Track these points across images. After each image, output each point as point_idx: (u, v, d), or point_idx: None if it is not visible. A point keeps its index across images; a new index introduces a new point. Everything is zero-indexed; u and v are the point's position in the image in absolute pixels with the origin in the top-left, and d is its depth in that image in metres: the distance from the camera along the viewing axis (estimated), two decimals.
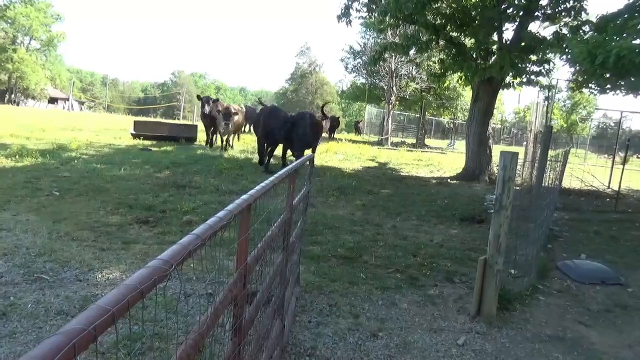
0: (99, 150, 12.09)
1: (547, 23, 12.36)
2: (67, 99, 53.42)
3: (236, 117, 13.59)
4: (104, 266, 4.48)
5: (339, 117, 16.54)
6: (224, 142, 14.02)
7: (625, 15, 9.17)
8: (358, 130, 33.84)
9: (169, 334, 3.23)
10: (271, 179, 2.31)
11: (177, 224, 6.07)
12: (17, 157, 9.69)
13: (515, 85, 13.18)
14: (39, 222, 5.68)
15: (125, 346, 3.02)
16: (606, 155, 27.35)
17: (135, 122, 17.01)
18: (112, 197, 7.22)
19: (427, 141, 29.95)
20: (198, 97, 15.15)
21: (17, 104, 45.06)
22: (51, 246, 4.88)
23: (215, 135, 14.95)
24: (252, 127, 17.71)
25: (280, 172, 2.59)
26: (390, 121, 27.08)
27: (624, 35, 8.02)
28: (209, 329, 1.43)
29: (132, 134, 15.55)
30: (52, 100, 53.86)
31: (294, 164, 3.18)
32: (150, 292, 0.97)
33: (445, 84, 24.84)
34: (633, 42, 7.59)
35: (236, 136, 15.39)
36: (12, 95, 47.47)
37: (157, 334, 3.23)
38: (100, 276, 4.25)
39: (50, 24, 49.79)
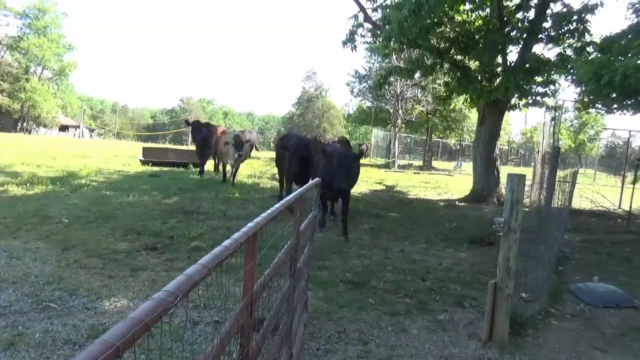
0: (108, 177, 12.20)
1: (551, 45, 12.43)
2: (78, 127, 54.11)
3: (247, 145, 11.82)
4: (112, 294, 4.48)
5: (346, 140, 16.36)
6: (231, 173, 12.04)
7: (630, 36, 9.20)
8: (362, 153, 33.95)
9: None
10: (277, 205, 2.32)
11: (184, 250, 6.08)
12: (28, 185, 9.80)
13: (521, 107, 13.18)
14: (48, 250, 5.72)
15: None
16: (614, 175, 27.12)
17: (143, 148, 17.21)
18: (120, 223, 7.25)
19: (434, 163, 29.85)
20: (186, 122, 14.37)
21: (29, 132, 45.72)
22: (60, 274, 4.89)
23: (219, 164, 13.51)
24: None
25: (286, 198, 2.60)
26: (397, 144, 27.16)
27: (629, 54, 8.04)
28: None
29: (140, 161, 15.70)
30: (63, 128, 54.57)
31: (300, 189, 3.18)
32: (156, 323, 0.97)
33: (451, 106, 25.01)
34: (638, 61, 7.60)
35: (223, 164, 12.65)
36: (25, 124, 48.21)
37: None
38: (108, 304, 4.24)
39: (62, 54, 50.85)
